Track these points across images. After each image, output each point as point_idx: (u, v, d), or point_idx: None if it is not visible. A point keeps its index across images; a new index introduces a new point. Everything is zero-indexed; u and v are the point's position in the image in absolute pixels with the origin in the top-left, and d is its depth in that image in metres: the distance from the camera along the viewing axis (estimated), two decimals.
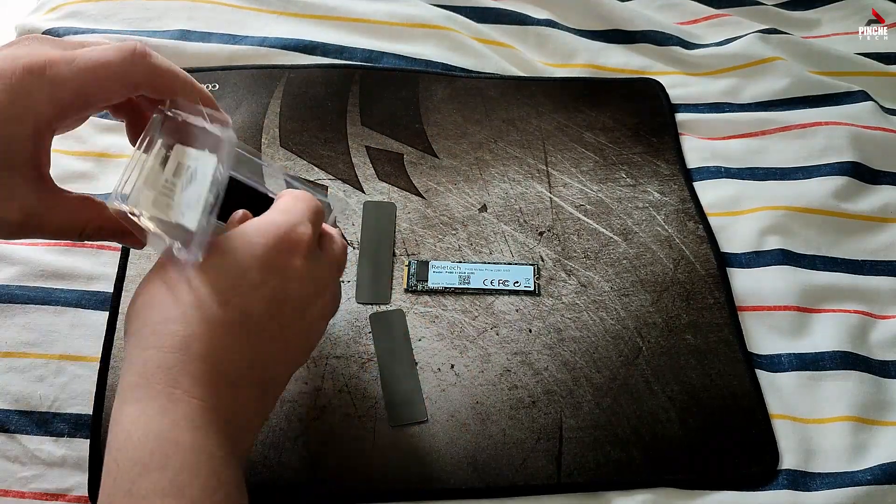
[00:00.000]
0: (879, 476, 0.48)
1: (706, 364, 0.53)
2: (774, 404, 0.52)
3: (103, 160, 0.62)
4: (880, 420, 0.51)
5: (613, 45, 0.74)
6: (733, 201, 0.62)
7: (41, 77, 0.34)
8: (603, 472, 0.48)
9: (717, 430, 0.50)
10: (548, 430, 0.50)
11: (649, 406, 0.51)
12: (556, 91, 0.69)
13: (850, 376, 0.53)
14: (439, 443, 0.49)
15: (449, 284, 0.56)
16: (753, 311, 0.56)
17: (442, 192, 0.61)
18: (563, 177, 0.63)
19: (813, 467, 0.49)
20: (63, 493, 0.47)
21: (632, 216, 0.60)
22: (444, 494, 0.48)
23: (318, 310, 0.40)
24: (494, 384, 0.52)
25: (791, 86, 0.69)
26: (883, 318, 0.56)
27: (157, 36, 0.70)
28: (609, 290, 0.56)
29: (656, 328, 0.55)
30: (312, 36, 0.71)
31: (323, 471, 0.48)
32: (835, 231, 0.60)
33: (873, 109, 0.67)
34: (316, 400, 0.50)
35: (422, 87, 0.68)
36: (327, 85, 0.67)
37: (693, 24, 0.77)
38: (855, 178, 0.63)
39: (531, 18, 0.75)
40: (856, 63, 0.72)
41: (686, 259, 0.58)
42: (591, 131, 0.66)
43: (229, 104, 0.66)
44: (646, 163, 0.64)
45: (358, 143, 0.64)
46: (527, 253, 0.58)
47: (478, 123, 0.66)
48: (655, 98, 0.69)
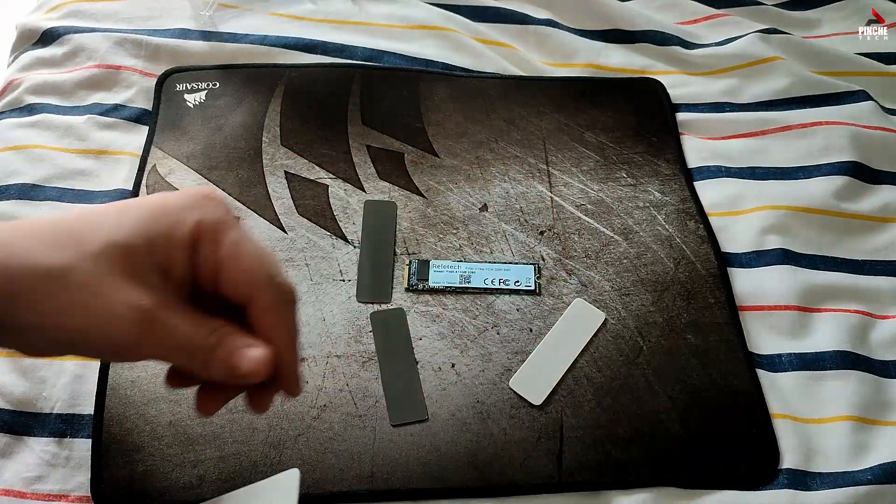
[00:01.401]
0: (880, 476, 0.48)
1: (707, 364, 0.53)
2: (775, 404, 0.52)
3: (103, 157, 0.62)
4: (880, 420, 0.51)
5: (614, 44, 0.74)
6: (734, 201, 0.62)
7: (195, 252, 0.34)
8: (603, 472, 0.48)
9: (718, 430, 0.50)
10: (548, 430, 0.50)
11: (650, 405, 0.51)
12: (557, 91, 0.69)
13: (851, 376, 0.53)
14: (440, 442, 0.49)
15: (450, 284, 0.56)
16: (754, 310, 0.56)
17: (443, 191, 0.61)
18: (563, 176, 0.63)
19: (813, 467, 0.49)
20: (65, 494, 0.47)
21: (632, 216, 0.61)
22: (444, 493, 0.48)
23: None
24: (495, 383, 0.52)
25: (791, 86, 0.69)
26: (883, 318, 0.56)
27: (157, 35, 0.70)
28: (610, 289, 0.56)
29: (657, 328, 0.55)
30: (313, 35, 0.71)
31: (323, 470, 0.48)
32: (835, 231, 0.60)
33: (873, 109, 0.67)
34: (316, 399, 0.50)
35: (423, 86, 0.68)
36: (328, 84, 0.67)
37: (693, 24, 0.77)
38: (855, 178, 0.63)
39: (532, 18, 0.75)
40: (856, 63, 0.72)
41: (687, 259, 0.58)
42: (592, 131, 0.66)
43: (230, 103, 0.66)
44: (646, 162, 0.64)
45: (359, 142, 0.64)
46: (527, 252, 0.58)
47: (478, 123, 0.66)
48: (656, 98, 0.69)
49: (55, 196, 0.59)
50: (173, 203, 0.34)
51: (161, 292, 0.33)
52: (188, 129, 0.64)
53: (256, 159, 0.62)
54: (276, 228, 0.58)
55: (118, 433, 0.48)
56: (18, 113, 0.65)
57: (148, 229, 0.33)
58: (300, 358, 0.36)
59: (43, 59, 0.68)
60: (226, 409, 0.49)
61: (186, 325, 0.34)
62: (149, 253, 0.33)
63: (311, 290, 0.55)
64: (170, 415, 0.49)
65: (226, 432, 0.49)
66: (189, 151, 0.62)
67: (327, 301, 0.55)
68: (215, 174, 0.61)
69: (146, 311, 0.33)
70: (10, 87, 0.67)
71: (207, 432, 0.49)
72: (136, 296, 0.33)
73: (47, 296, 0.31)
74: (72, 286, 0.31)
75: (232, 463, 0.48)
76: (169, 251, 0.33)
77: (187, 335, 0.34)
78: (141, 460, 0.47)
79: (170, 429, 0.49)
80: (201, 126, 0.64)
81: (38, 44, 0.70)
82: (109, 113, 0.65)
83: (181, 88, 0.67)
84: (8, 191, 0.59)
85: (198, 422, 0.49)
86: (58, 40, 0.69)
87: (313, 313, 0.54)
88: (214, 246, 0.34)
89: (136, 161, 0.62)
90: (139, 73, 0.67)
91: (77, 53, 0.68)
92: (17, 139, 0.62)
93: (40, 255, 0.31)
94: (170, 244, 0.33)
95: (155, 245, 0.33)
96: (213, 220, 0.34)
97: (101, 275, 0.32)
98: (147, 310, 0.33)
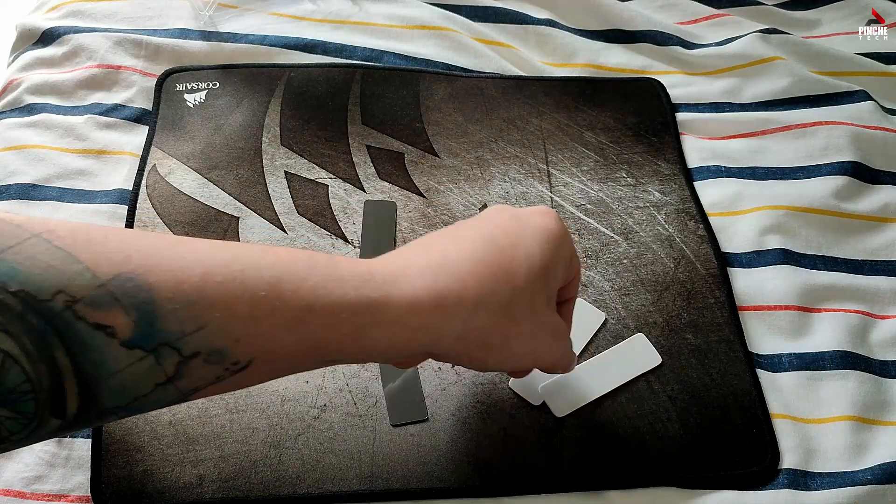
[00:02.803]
0: (880, 476, 0.48)
1: (707, 363, 0.53)
2: (775, 404, 0.52)
3: (103, 157, 0.62)
4: (880, 420, 0.51)
5: (614, 44, 0.74)
6: (734, 201, 0.62)
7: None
8: (603, 472, 0.48)
9: (718, 430, 0.50)
10: (548, 430, 0.50)
11: (650, 405, 0.51)
12: (557, 90, 0.69)
13: (851, 376, 0.53)
14: (440, 442, 0.49)
15: None
16: (754, 310, 0.56)
17: (443, 191, 0.61)
18: (563, 176, 0.63)
19: (813, 467, 0.49)
20: (65, 494, 0.47)
21: (632, 216, 0.61)
22: (444, 493, 0.47)
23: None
24: (495, 383, 0.52)
25: (791, 86, 0.69)
26: (883, 317, 0.56)
27: (157, 35, 0.70)
28: (609, 289, 0.56)
29: (657, 327, 0.55)
30: (313, 35, 0.71)
31: (323, 470, 0.48)
32: (835, 231, 0.60)
33: (873, 109, 0.67)
34: (316, 398, 0.50)
35: (423, 86, 0.68)
36: (328, 84, 0.67)
37: (693, 24, 0.77)
38: (855, 178, 0.63)
39: (531, 18, 0.75)
40: (856, 63, 0.72)
41: (686, 258, 0.58)
42: (592, 131, 0.66)
43: (230, 103, 0.66)
44: (646, 162, 0.64)
45: (359, 142, 0.64)
46: None
47: (478, 123, 0.66)
48: (656, 98, 0.69)
49: (55, 196, 0.59)
50: (553, 227, 0.40)
51: (554, 307, 0.40)
52: (188, 129, 0.64)
53: (256, 159, 0.62)
54: (276, 228, 0.58)
55: (118, 433, 0.48)
56: (18, 113, 0.65)
57: (549, 255, 0.38)
58: None
59: (43, 59, 0.68)
60: (226, 409, 0.49)
61: (567, 332, 0.42)
62: (553, 275, 0.39)
63: None
64: (170, 414, 0.49)
65: (226, 432, 0.49)
66: (189, 151, 0.62)
67: None
68: (215, 174, 0.61)
69: (560, 329, 0.41)
70: (10, 86, 0.67)
71: (207, 432, 0.49)
72: (554, 316, 0.40)
73: (503, 327, 0.37)
74: (517, 315, 0.37)
75: (232, 463, 0.48)
76: (561, 270, 0.40)
77: (569, 341, 0.42)
78: (141, 460, 0.47)
79: (170, 429, 0.49)
80: (201, 126, 0.64)
81: (38, 44, 0.70)
82: (109, 113, 0.65)
83: (181, 88, 0.67)
84: (8, 191, 0.59)
85: (198, 422, 0.49)
86: (58, 40, 0.69)
87: None
88: (574, 258, 0.41)
89: (136, 161, 0.62)
90: (139, 73, 0.68)
91: (77, 53, 0.68)
92: (17, 139, 0.62)
93: (486, 290, 0.36)
94: (560, 264, 0.39)
95: (555, 267, 0.39)
96: (570, 236, 0.41)
97: (534, 302, 0.37)
98: (561, 327, 0.40)
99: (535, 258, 0.37)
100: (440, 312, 0.34)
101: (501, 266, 0.36)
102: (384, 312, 0.33)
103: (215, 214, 0.59)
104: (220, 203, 0.59)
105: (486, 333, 0.36)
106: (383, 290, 0.34)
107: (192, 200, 0.59)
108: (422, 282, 0.35)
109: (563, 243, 0.40)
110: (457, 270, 0.35)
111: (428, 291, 0.34)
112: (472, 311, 0.35)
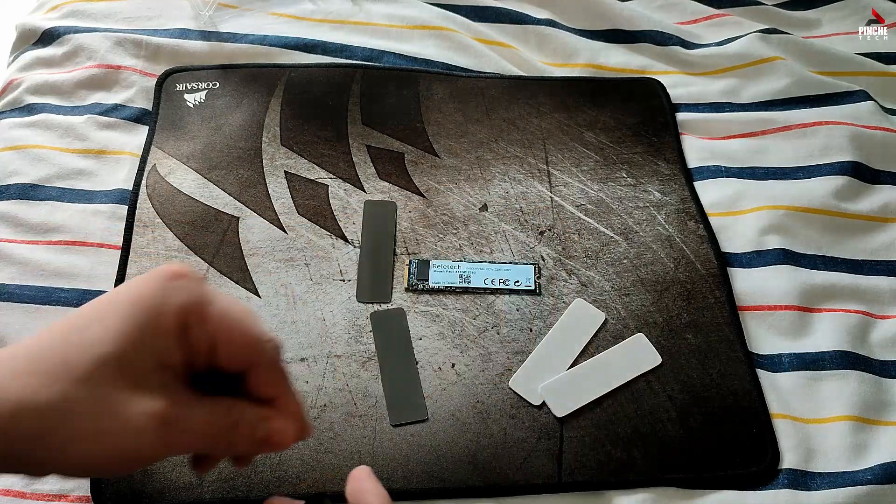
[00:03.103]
0: (880, 476, 0.48)
1: (707, 363, 0.53)
2: (775, 404, 0.52)
3: (103, 157, 0.62)
4: (880, 420, 0.51)
5: (614, 44, 0.74)
6: (734, 201, 0.62)
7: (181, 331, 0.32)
8: (603, 472, 0.48)
9: (718, 430, 0.50)
10: (548, 430, 0.50)
11: (650, 405, 0.51)
12: (557, 90, 0.69)
13: (851, 376, 0.53)
14: (440, 442, 0.49)
15: (450, 283, 0.56)
16: (754, 310, 0.56)
17: (443, 191, 0.61)
18: (563, 176, 0.63)
19: (813, 467, 0.49)
20: (65, 494, 0.47)
21: (632, 216, 0.61)
22: (444, 493, 0.48)
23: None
24: (495, 383, 0.52)
25: (791, 85, 0.69)
26: (883, 318, 0.56)
27: (157, 35, 0.70)
28: (610, 289, 0.56)
29: (657, 327, 0.55)
30: (313, 35, 0.71)
31: (323, 470, 0.48)
32: (835, 231, 0.60)
33: (873, 109, 0.67)
34: (316, 398, 0.50)
35: (422, 86, 0.68)
36: (328, 84, 0.67)
37: (693, 24, 0.77)
38: (855, 178, 0.63)
39: (532, 18, 0.75)
40: (856, 63, 0.72)
41: (687, 258, 0.58)
42: (592, 131, 0.66)
43: (230, 103, 0.66)
44: (646, 162, 0.64)
45: (359, 142, 0.64)
46: (527, 252, 0.58)
47: (478, 123, 0.66)
48: (656, 98, 0.69)
49: (55, 196, 0.59)
50: (148, 294, 0.32)
51: (167, 389, 0.32)
52: (188, 129, 0.64)
53: (256, 159, 0.62)
54: (276, 228, 0.58)
55: None
56: (18, 113, 0.65)
57: (133, 332, 0.31)
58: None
59: (43, 59, 0.68)
60: None
61: (203, 414, 0.33)
62: (142, 355, 0.31)
63: (311, 290, 0.55)
64: None
65: None
66: (189, 151, 0.62)
67: (327, 301, 0.55)
68: (215, 174, 0.61)
69: (162, 416, 0.31)
70: (10, 86, 0.67)
71: None
72: (147, 404, 0.31)
73: (53, 432, 0.29)
74: (76, 416, 0.30)
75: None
76: (161, 345, 0.32)
77: (207, 423, 0.32)
78: None
79: None
80: (201, 126, 0.64)
81: (38, 44, 0.70)
82: (109, 113, 0.65)
83: (181, 88, 0.67)
84: (8, 191, 0.59)
85: None
86: (58, 40, 0.69)
87: (313, 313, 0.54)
88: (203, 324, 0.32)
89: (136, 161, 0.62)
90: (139, 73, 0.68)
91: (77, 53, 0.68)
92: (17, 139, 0.62)
93: (29, 390, 0.29)
94: (159, 338, 0.32)
95: (145, 345, 0.31)
96: (194, 299, 0.32)
97: (103, 396, 0.30)
98: (162, 414, 0.32)
99: (107, 339, 0.31)
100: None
101: (61, 358, 0.30)
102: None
103: (215, 214, 0.59)
104: (221, 203, 0.59)
105: (33, 441, 0.30)
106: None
107: (192, 200, 0.59)
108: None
109: (162, 310, 0.32)
110: (1, 371, 0.30)
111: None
112: (10, 420, 0.29)
